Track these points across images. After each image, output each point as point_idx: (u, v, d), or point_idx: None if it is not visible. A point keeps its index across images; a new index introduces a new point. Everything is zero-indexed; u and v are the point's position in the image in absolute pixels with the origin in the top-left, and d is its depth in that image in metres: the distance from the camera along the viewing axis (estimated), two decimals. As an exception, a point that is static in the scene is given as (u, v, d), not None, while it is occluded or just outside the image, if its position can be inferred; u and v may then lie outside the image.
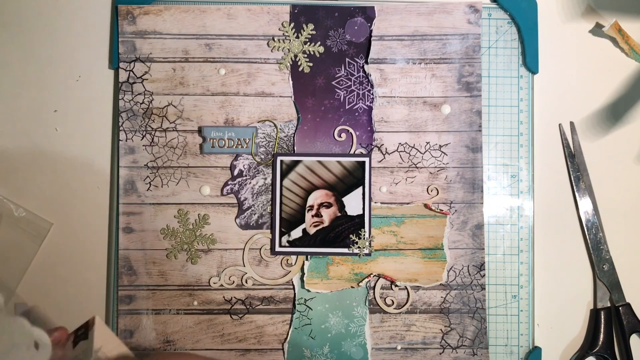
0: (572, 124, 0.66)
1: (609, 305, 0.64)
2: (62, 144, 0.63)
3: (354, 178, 0.62)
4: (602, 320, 0.63)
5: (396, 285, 0.62)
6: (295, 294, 0.62)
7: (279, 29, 0.63)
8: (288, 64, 0.63)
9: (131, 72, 0.62)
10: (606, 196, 0.65)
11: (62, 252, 0.63)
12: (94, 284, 0.62)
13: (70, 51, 0.64)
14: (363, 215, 0.62)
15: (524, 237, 0.64)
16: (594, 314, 0.64)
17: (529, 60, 0.64)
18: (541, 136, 0.65)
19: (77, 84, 0.64)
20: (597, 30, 0.66)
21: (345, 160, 0.62)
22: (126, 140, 0.62)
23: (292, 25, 0.63)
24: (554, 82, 0.66)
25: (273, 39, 0.63)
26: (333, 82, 0.63)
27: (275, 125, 0.63)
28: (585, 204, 0.65)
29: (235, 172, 0.62)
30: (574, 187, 0.65)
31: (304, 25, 0.63)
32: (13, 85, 0.63)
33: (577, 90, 0.66)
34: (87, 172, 0.63)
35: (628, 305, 0.63)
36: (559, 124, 0.66)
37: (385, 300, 0.62)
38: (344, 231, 0.62)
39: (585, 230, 0.65)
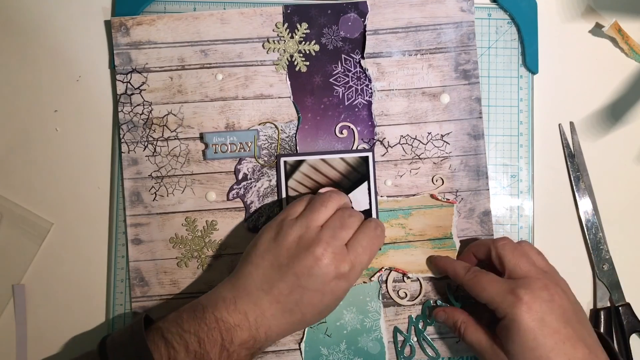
0: (572, 124, 0.65)
1: (608, 305, 0.64)
2: (62, 144, 0.63)
3: (358, 174, 0.62)
4: (602, 320, 0.63)
5: (408, 277, 0.62)
6: (308, 293, 0.62)
7: (273, 30, 0.63)
8: (284, 64, 0.63)
9: (129, 84, 0.62)
10: (606, 196, 0.65)
11: (62, 252, 0.63)
12: (94, 284, 0.62)
13: (70, 51, 0.63)
14: (370, 210, 0.62)
15: (524, 237, 0.64)
16: (594, 314, 0.64)
17: (529, 61, 0.64)
18: (541, 136, 0.65)
19: (77, 83, 0.63)
20: (597, 30, 0.66)
21: (348, 156, 0.62)
22: (128, 152, 0.62)
23: (285, 25, 0.63)
24: (554, 82, 0.66)
25: (268, 41, 0.63)
26: (331, 80, 0.63)
27: (276, 127, 0.63)
28: (585, 204, 0.65)
29: (240, 176, 0.62)
30: (574, 187, 0.65)
31: (298, 25, 0.63)
32: (13, 85, 0.63)
33: (577, 90, 0.66)
34: (87, 172, 0.63)
35: (628, 305, 0.63)
36: (559, 124, 0.66)
37: (398, 292, 0.62)
38: (352, 227, 0.62)
39: (585, 230, 0.64)
